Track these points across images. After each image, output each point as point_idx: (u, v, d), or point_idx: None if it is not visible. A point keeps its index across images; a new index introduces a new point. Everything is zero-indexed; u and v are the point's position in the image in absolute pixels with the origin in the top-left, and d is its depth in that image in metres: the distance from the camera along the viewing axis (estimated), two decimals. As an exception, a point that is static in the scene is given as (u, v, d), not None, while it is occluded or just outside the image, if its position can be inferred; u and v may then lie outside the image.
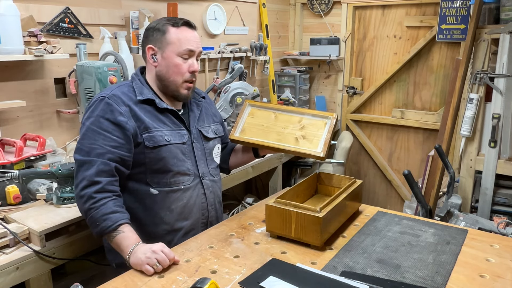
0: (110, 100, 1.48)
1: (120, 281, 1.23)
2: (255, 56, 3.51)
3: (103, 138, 1.44)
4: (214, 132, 1.73)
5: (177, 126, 1.58)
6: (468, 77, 2.69)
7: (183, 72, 1.55)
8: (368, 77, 3.91)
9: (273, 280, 1.20)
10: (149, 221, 1.54)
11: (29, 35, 2.04)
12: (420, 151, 3.74)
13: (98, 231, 1.38)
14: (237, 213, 2.02)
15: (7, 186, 1.74)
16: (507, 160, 2.58)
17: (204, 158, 1.65)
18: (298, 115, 1.74)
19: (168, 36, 1.53)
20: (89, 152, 1.42)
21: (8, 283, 1.45)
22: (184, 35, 1.54)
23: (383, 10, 3.71)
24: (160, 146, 1.51)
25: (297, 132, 1.69)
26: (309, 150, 1.64)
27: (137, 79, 1.59)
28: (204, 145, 1.67)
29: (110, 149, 1.43)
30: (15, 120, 2.12)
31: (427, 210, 2.07)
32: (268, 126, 1.74)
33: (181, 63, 1.54)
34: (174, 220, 1.57)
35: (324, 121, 1.69)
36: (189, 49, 1.54)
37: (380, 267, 1.29)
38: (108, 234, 1.37)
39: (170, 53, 1.53)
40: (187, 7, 2.96)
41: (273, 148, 1.70)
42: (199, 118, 1.69)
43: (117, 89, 1.54)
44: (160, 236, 1.54)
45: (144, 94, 1.54)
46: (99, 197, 1.39)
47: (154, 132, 1.51)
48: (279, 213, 1.43)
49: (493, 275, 1.25)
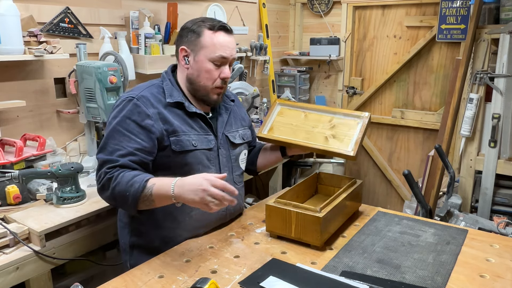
0: (138, 102, 1.44)
1: (120, 281, 1.23)
2: (255, 56, 3.51)
3: (128, 140, 1.40)
4: (242, 137, 1.68)
5: (204, 131, 1.54)
6: (468, 77, 2.69)
7: (214, 78, 1.50)
8: (368, 77, 3.91)
9: (273, 280, 1.20)
10: (167, 225, 1.50)
11: (29, 35, 2.03)
12: (420, 151, 3.74)
13: (131, 201, 1.32)
14: (237, 213, 2.02)
15: (7, 186, 1.74)
16: (507, 160, 2.58)
17: (229, 165, 1.61)
18: (329, 115, 1.70)
19: (203, 40, 1.47)
20: (112, 152, 1.40)
21: (8, 283, 1.45)
22: (219, 40, 1.47)
23: (383, 10, 3.71)
24: (187, 151, 1.47)
25: (327, 131, 1.65)
26: (339, 149, 1.60)
27: (167, 79, 1.54)
28: (230, 151, 1.62)
29: (133, 151, 1.39)
30: (15, 120, 2.12)
31: (427, 210, 2.07)
32: (297, 125, 1.70)
33: (212, 68, 1.48)
34: (192, 227, 1.51)
35: (356, 121, 1.65)
36: (222, 55, 1.47)
37: (380, 267, 1.29)
38: (143, 196, 1.31)
39: (203, 57, 1.48)
40: (187, 7, 2.96)
41: (302, 146, 1.66)
42: (227, 122, 1.63)
43: (146, 89, 1.49)
44: (177, 242, 1.49)
45: (174, 97, 1.49)
46: (116, 173, 1.36)
47: (182, 136, 1.46)
48: (279, 213, 1.43)
49: (493, 275, 1.25)
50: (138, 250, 1.54)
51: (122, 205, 1.39)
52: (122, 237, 1.60)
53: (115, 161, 1.38)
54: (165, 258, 1.35)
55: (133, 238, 1.55)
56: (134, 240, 1.55)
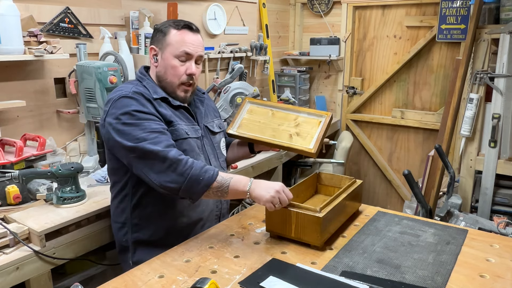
0: (134, 96, 1.47)
1: (120, 281, 1.23)
2: (255, 56, 3.51)
3: (148, 124, 1.43)
4: (218, 126, 1.78)
5: (191, 122, 1.62)
6: (468, 77, 2.69)
7: (180, 74, 1.56)
8: (368, 77, 3.91)
9: (273, 280, 1.20)
10: (170, 215, 1.57)
11: (29, 35, 2.03)
12: (420, 151, 3.74)
13: (203, 185, 1.39)
14: (237, 213, 2.02)
15: (7, 186, 1.74)
16: (507, 160, 2.58)
17: (214, 152, 1.70)
18: (294, 113, 1.76)
19: (168, 38, 1.55)
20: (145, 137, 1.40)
21: (8, 283, 1.45)
22: (182, 37, 1.55)
23: (383, 10, 3.71)
24: (182, 139, 1.54)
25: (292, 129, 1.71)
26: (301, 146, 1.66)
27: (146, 79, 1.59)
28: (212, 139, 1.71)
29: (162, 130, 1.44)
30: (15, 120, 2.12)
31: (427, 210, 2.07)
32: (264, 123, 1.76)
33: (177, 65, 1.55)
34: (193, 212, 1.60)
35: (318, 120, 1.70)
36: (186, 51, 1.54)
37: (380, 267, 1.29)
38: (216, 184, 1.40)
39: (168, 54, 1.55)
40: (187, 7, 2.96)
41: (267, 143, 1.73)
42: (204, 114, 1.72)
43: (134, 87, 1.52)
44: (179, 230, 1.58)
45: (158, 93, 1.55)
46: (185, 158, 1.40)
47: (177, 126, 1.54)
48: (279, 213, 1.43)
49: (493, 275, 1.25)
50: (142, 246, 1.59)
51: (188, 189, 1.40)
52: (120, 237, 1.62)
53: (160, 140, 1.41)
54: (165, 258, 1.35)
55: (135, 235, 1.59)
56: (136, 237, 1.59)
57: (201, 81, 3.14)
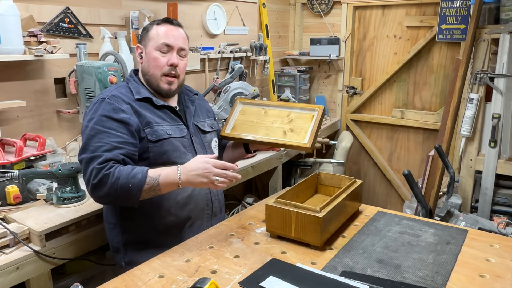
0: (110, 100, 1.51)
1: (120, 281, 1.23)
2: (255, 56, 3.51)
3: (108, 136, 1.45)
4: (210, 126, 1.78)
5: (175, 122, 1.63)
6: (468, 77, 2.69)
7: (161, 65, 1.59)
8: (368, 77, 3.91)
9: (273, 280, 1.20)
10: (156, 214, 1.57)
11: (29, 35, 2.03)
12: (420, 151, 3.74)
13: (135, 192, 1.38)
14: (237, 213, 2.02)
15: (7, 186, 1.74)
16: (507, 160, 2.58)
17: (203, 151, 1.69)
18: (287, 110, 1.77)
19: (150, 33, 1.61)
20: (96, 150, 1.43)
21: (8, 283, 1.45)
22: (162, 30, 1.59)
23: (383, 10, 3.71)
24: (163, 139, 1.55)
25: (285, 126, 1.72)
26: (296, 142, 1.67)
27: (132, 80, 1.64)
28: (202, 138, 1.72)
29: (117, 145, 1.44)
30: (15, 120, 2.12)
31: (427, 210, 2.07)
32: (257, 122, 1.77)
33: (158, 56, 1.58)
34: (181, 211, 1.60)
35: (311, 114, 1.71)
36: (165, 43, 1.58)
37: (380, 267, 1.29)
38: (147, 186, 1.39)
39: (150, 48, 1.59)
40: (187, 7, 2.96)
41: (262, 142, 1.74)
42: (195, 113, 1.74)
43: (115, 90, 1.57)
44: (167, 228, 1.58)
45: (141, 93, 1.59)
46: (113, 169, 1.39)
47: (156, 127, 1.55)
48: (279, 213, 1.43)
49: (493, 275, 1.25)
50: (132, 247, 1.60)
51: (123, 198, 1.41)
52: (112, 237, 1.64)
53: (101, 156, 1.40)
54: (165, 258, 1.35)
55: (125, 236, 1.60)
56: (126, 237, 1.60)
57: (201, 81, 3.14)
